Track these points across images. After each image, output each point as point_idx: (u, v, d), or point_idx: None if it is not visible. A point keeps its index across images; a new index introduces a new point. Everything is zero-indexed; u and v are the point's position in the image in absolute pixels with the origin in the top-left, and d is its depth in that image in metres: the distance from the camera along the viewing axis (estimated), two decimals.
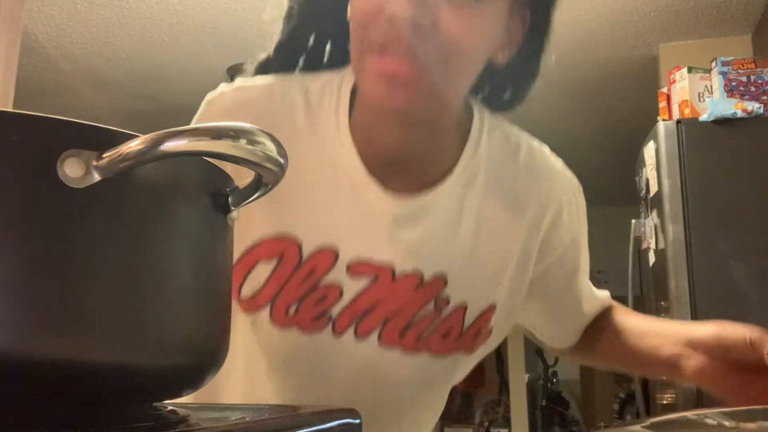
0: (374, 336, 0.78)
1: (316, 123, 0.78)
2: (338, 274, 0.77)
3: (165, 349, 0.39)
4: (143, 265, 0.37)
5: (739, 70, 2.67)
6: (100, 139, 0.35)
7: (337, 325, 0.77)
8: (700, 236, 2.41)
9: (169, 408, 0.45)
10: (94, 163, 0.35)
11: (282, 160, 0.40)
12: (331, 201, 0.78)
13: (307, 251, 0.76)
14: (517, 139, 0.86)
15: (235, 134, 0.37)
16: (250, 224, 0.76)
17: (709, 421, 0.49)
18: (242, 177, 0.44)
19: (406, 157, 0.79)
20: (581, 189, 0.90)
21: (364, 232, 0.78)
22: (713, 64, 2.73)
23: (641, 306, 2.88)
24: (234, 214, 0.45)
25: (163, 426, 0.41)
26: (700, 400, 2.30)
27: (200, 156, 0.38)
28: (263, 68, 0.84)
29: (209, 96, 0.80)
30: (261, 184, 0.43)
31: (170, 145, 0.35)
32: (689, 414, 0.52)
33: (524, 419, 3.83)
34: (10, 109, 0.35)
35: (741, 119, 2.47)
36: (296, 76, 0.81)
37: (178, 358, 0.40)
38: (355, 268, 0.77)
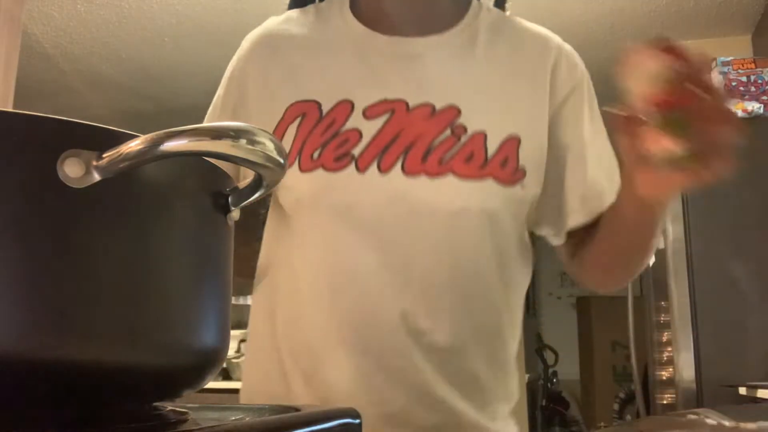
0: (397, 167, 0.81)
1: (323, 14, 0.94)
2: (356, 121, 0.83)
3: (165, 349, 0.39)
4: (143, 264, 0.37)
5: (739, 70, 2.67)
6: (100, 139, 0.36)
7: (359, 163, 0.81)
8: (700, 236, 2.41)
9: (169, 408, 0.45)
10: (94, 163, 0.35)
11: (282, 160, 0.39)
12: (341, 63, 0.88)
13: (326, 109, 0.85)
14: (510, 18, 0.95)
15: (235, 134, 0.37)
16: (274, 104, 0.87)
17: (709, 421, 0.49)
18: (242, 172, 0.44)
19: (407, 14, 0.90)
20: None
21: (374, 79, 0.85)
22: (713, 64, 2.73)
23: (641, 306, 2.88)
24: (234, 214, 0.45)
25: (163, 426, 0.41)
26: (700, 400, 2.30)
27: (200, 156, 0.38)
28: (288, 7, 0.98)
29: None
30: (261, 184, 0.43)
31: (170, 145, 0.35)
32: (689, 414, 0.52)
33: (524, 419, 3.83)
34: (10, 109, 0.35)
35: (741, 119, 2.47)
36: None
37: (178, 358, 0.40)
38: (371, 111, 0.83)
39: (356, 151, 0.82)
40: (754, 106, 2.50)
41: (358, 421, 0.48)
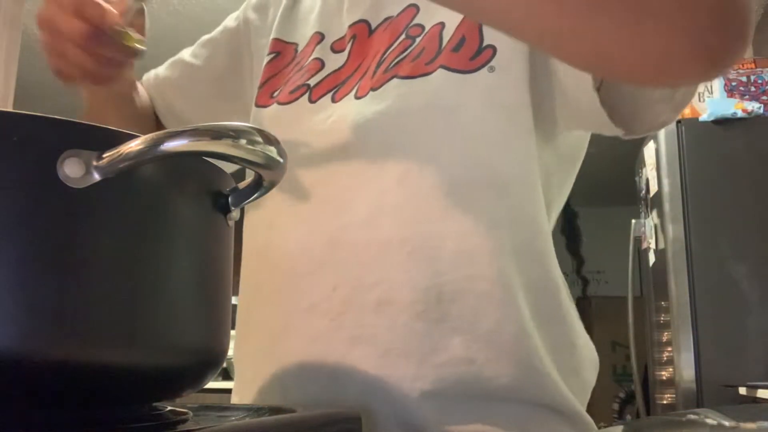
0: (351, 94, 0.72)
1: None
2: (322, 51, 0.78)
3: (165, 349, 0.39)
4: (143, 264, 0.37)
5: (739, 70, 2.67)
6: (100, 139, 0.36)
7: (313, 94, 0.75)
8: (700, 236, 2.41)
9: (169, 408, 0.45)
10: (94, 163, 0.35)
11: (281, 160, 0.40)
12: (310, 13, 0.82)
13: (300, 48, 0.81)
14: None
15: (235, 134, 0.37)
16: (267, 41, 0.83)
17: (709, 421, 0.49)
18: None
19: None
20: None
21: (344, 10, 0.79)
22: None
23: (641, 306, 2.88)
24: (234, 214, 0.45)
25: (163, 426, 0.41)
26: (700, 400, 2.30)
27: (200, 156, 0.38)
28: None
29: None
30: (261, 184, 0.43)
31: (170, 145, 0.35)
32: (689, 414, 0.52)
33: None
34: (10, 109, 0.35)
35: (741, 119, 2.47)
36: None
37: (178, 358, 0.40)
38: (337, 43, 0.78)
39: (312, 81, 0.76)
40: (754, 106, 2.49)
41: (359, 423, 0.48)
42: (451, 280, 0.63)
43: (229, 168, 0.44)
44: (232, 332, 0.57)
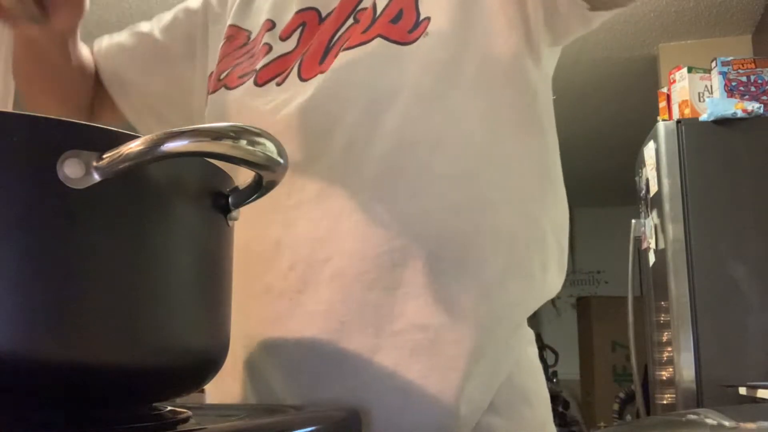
0: (294, 78, 0.71)
1: None
2: (271, 37, 0.77)
3: (165, 349, 0.39)
4: (143, 265, 0.37)
5: (739, 70, 2.68)
6: (100, 140, 0.35)
7: (258, 78, 0.74)
8: (700, 236, 2.41)
9: (169, 408, 0.45)
10: (95, 163, 0.35)
11: (282, 161, 0.39)
12: (266, 3, 0.81)
13: (252, 36, 0.79)
14: None
15: (235, 135, 0.37)
16: (222, 28, 0.83)
17: (709, 421, 0.49)
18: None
19: None
20: None
21: (291, 2, 0.77)
22: (713, 64, 2.73)
23: (641, 306, 2.88)
24: (234, 214, 0.45)
25: (163, 426, 0.41)
26: (700, 400, 2.30)
27: (200, 156, 0.38)
28: None
29: None
30: (261, 185, 0.43)
31: (171, 146, 0.35)
32: (689, 414, 0.51)
33: None
34: (10, 109, 0.35)
35: (741, 119, 2.47)
36: None
37: (178, 358, 0.40)
38: (285, 30, 0.76)
39: (259, 65, 0.75)
40: (754, 106, 2.50)
41: (359, 422, 0.48)
42: (402, 245, 0.63)
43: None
44: None
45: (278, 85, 0.72)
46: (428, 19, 0.68)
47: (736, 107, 2.49)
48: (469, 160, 0.66)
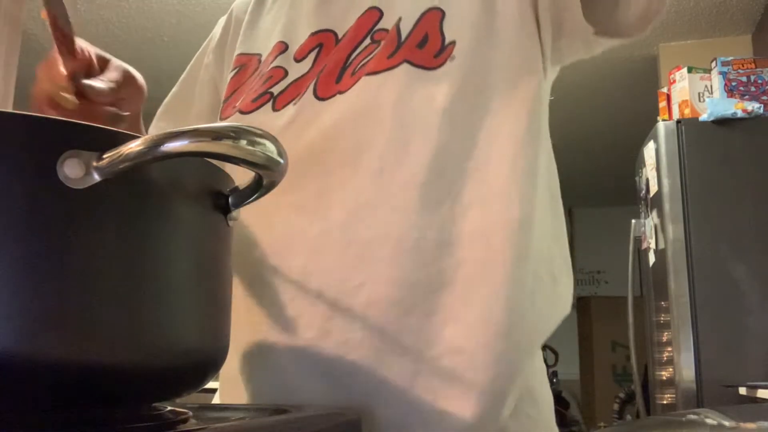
0: (310, 97, 0.71)
1: None
2: (285, 60, 0.77)
3: (165, 349, 0.39)
4: (143, 265, 0.37)
5: (739, 70, 2.67)
6: (100, 140, 0.35)
7: (276, 103, 0.74)
8: (700, 236, 2.41)
9: (169, 408, 0.45)
10: (95, 163, 0.35)
11: (282, 161, 0.39)
12: (289, 11, 0.81)
13: (263, 58, 0.80)
14: None
15: (235, 135, 0.37)
16: (231, 58, 0.84)
17: (709, 421, 0.49)
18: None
19: None
20: None
21: (309, 17, 0.78)
22: (713, 64, 2.73)
23: (641, 306, 2.88)
24: (234, 214, 0.45)
25: (163, 426, 0.41)
26: (700, 400, 2.30)
27: (200, 156, 0.37)
28: None
29: None
30: (261, 185, 0.43)
31: (171, 146, 0.35)
32: (689, 414, 0.52)
33: None
34: (10, 109, 0.35)
35: (741, 119, 2.47)
36: None
37: (178, 358, 0.40)
38: (300, 52, 0.76)
39: (276, 90, 0.75)
40: (754, 106, 2.49)
41: (359, 423, 0.48)
42: (438, 270, 0.63)
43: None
44: None
45: (294, 104, 0.72)
46: (453, 43, 0.69)
47: (736, 107, 2.49)
48: (500, 182, 0.66)
